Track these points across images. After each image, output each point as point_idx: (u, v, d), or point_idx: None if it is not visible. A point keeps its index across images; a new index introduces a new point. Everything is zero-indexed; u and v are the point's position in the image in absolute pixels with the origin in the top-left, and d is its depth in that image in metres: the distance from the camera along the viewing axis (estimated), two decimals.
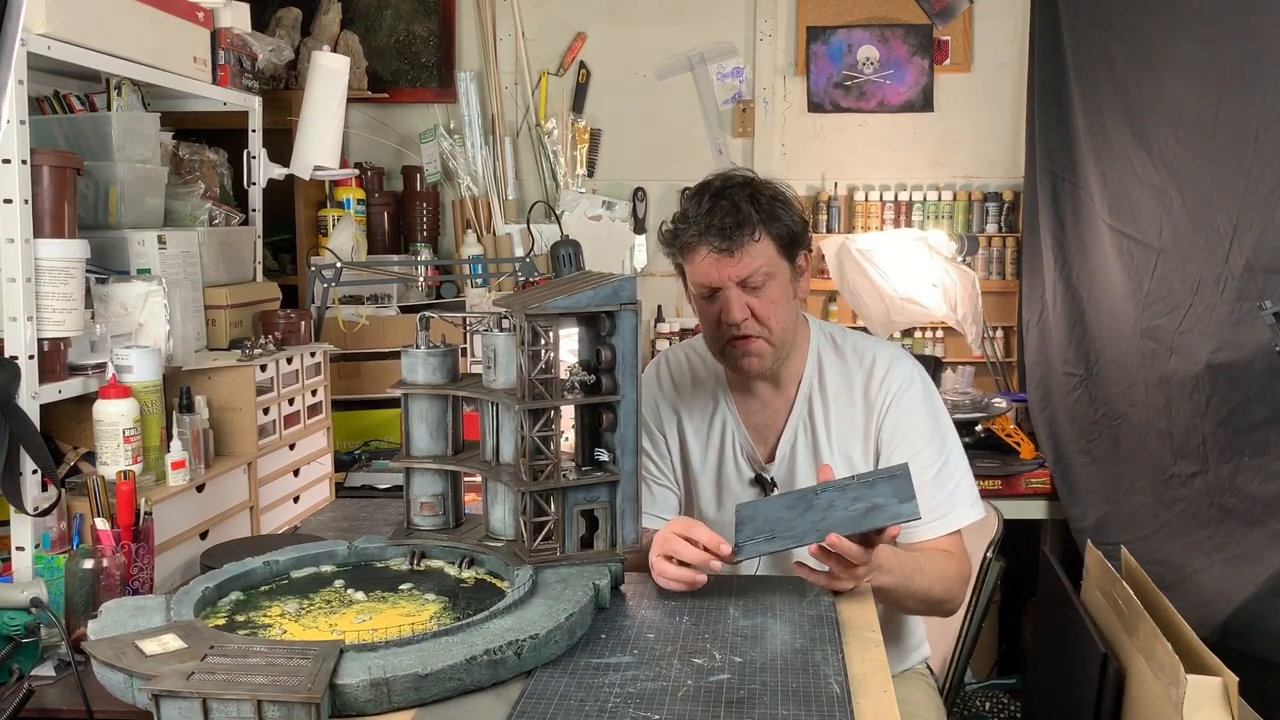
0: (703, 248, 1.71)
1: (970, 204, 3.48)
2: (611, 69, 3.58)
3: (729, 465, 1.84)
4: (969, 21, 3.47)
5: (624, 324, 1.45)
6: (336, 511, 2.35)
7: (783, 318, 1.74)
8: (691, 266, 1.75)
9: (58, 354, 1.78)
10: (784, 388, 1.83)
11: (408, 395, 1.58)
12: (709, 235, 1.69)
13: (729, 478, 1.84)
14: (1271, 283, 1.91)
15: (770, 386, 1.83)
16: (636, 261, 3.59)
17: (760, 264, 1.70)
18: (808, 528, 1.46)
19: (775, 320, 1.73)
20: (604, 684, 1.22)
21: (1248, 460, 2.00)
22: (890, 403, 1.78)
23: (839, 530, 1.42)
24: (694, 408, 1.88)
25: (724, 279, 1.71)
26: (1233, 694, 1.60)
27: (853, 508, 1.46)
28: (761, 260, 1.71)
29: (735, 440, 1.84)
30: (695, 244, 1.72)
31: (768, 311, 1.72)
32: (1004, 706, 2.95)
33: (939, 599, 1.71)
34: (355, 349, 2.88)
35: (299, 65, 3.20)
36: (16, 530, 1.67)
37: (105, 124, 2.07)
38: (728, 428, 1.85)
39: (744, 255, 1.69)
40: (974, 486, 1.79)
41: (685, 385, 1.90)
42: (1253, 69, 2.00)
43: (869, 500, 1.46)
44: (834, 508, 1.48)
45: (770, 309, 1.72)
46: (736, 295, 1.71)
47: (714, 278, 1.71)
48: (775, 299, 1.73)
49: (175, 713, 1.09)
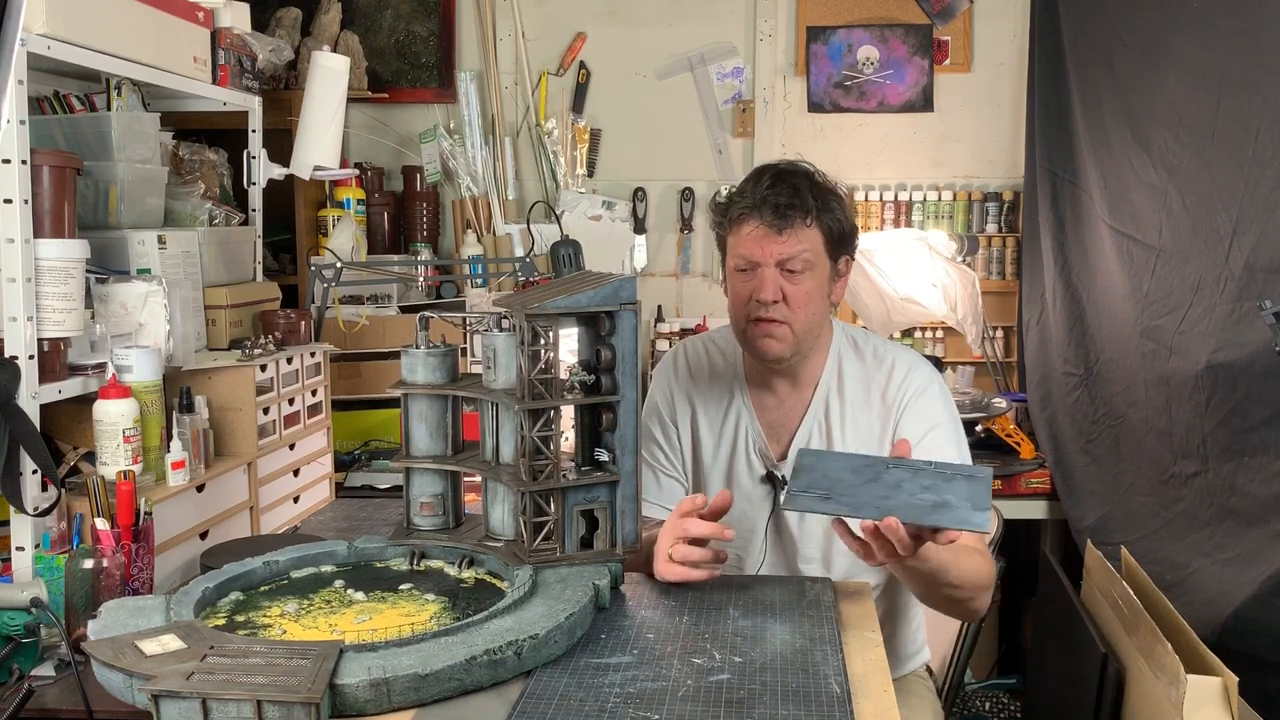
0: (752, 220, 1.72)
1: (970, 204, 3.48)
2: (611, 69, 3.58)
3: (740, 461, 1.83)
4: (969, 21, 3.47)
5: (624, 324, 1.45)
6: (336, 511, 2.35)
7: (811, 311, 1.74)
8: (736, 238, 1.76)
9: (58, 354, 1.78)
10: (801, 387, 1.82)
11: (407, 395, 1.58)
12: (762, 209, 1.71)
13: (739, 473, 1.83)
14: (1271, 283, 1.91)
15: (788, 384, 1.82)
16: (636, 261, 3.59)
17: (804, 249, 1.71)
18: (868, 500, 1.38)
19: (803, 311, 1.73)
20: (604, 684, 1.22)
21: (1248, 460, 2.00)
22: (908, 403, 1.78)
23: (901, 516, 1.34)
24: (709, 400, 1.87)
25: (766, 256, 1.71)
26: (1233, 694, 1.60)
27: (921, 496, 1.38)
28: (806, 246, 1.72)
29: (749, 436, 1.83)
30: (746, 216, 1.73)
31: (799, 300, 1.72)
32: (1004, 706, 2.95)
33: (967, 597, 1.65)
34: (355, 349, 2.88)
35: (299, 65, 3.20)
36: (16, 530, 1.67)
37: (105, 124, 2.07)
38: (742, 422, 1.84)
39: (791, 236, 1.71)
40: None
41: (702, 376, 1.89)
42: (1253, 69, 2.00)
43: (940, 494, 1.39)
44: (901, 489, 1.40)
45: (802, 298, 1.72)
46: (773, 275, 1.71)
47: (756, 253, 1.72)
48: (809, 290, 1.73)
49: (175, 713, 1.09)
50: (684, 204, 3.57)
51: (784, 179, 1.74)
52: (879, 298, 3.19)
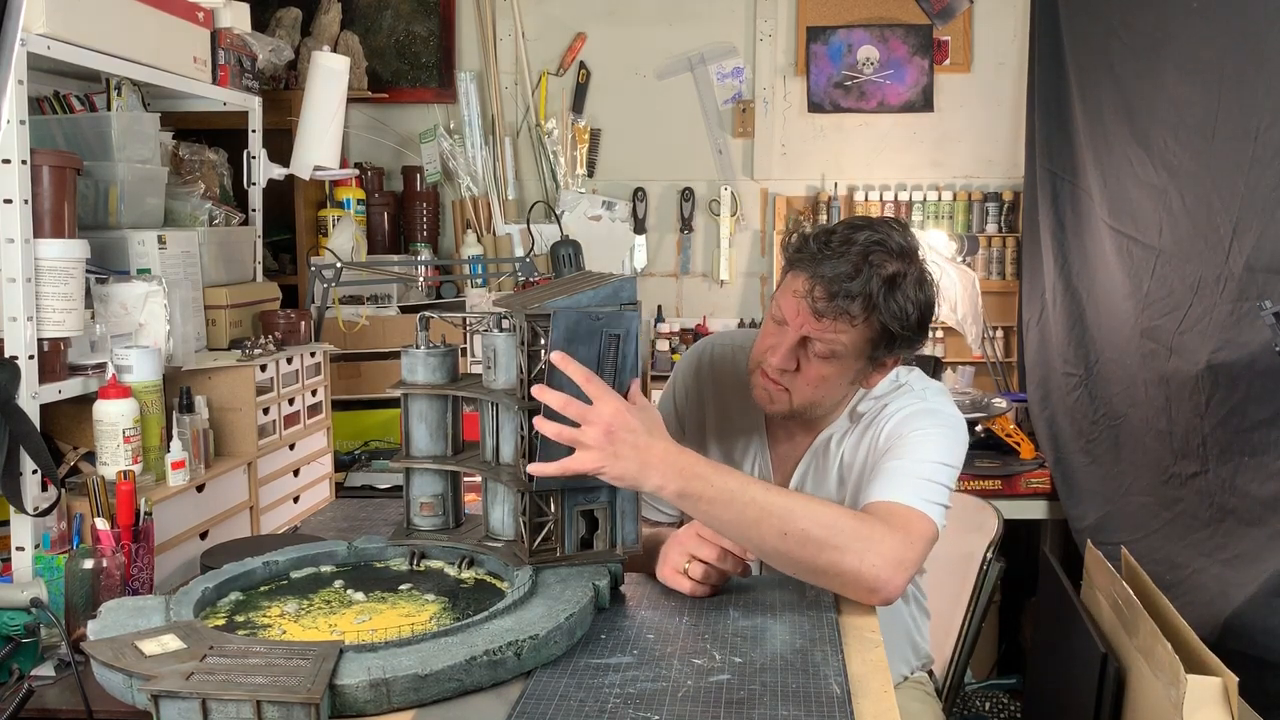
0: (803, 282, 1.55)
1: (970, 204, 3.48)
2: (611, 69, 3.58)
3: None
4: (969, 21, 3.47)
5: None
6: (336, 511, 2.35)
7: (821, 393, 1.63)
8: (783, 286, 1.62)
9: (58, 354, 1.78)
10: (813, 430, 1.75)
11: (407, 395, 1.57)
12: (818, 280, 1.54)
13: None
14: (1271, 283, 1.91)
15: (802, 426, 1.75)
16: (636, 261, 3.59)
17: (837, 341, 1.56)
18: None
19: (810, 390, 1.62)
20: (604, 684, 1.22)
21: (1248, 460, 2.00)
22: (891, 418, 1.65)
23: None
24: (727, 412, 1.81)
25: (795, 325, 1.57)
26: (1233, 694, 1.60)
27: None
28: (840, 341, 1.56)
29: (757, 460, 1.79)
30: (800, 273, 1.57)
31: (809, 380, 1.61)
32: (1004, 706, 2.95)
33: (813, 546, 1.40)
34: (355, 349, 2.88)
35: (299, 65, 3.20)
36: (16, 530, 1.67)
37: (105, 124, 2.07)
38: (753, 445, 1.79)
39: (829, 325, 1.55)
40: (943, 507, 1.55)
41: (726, 384, 1.81)
42: (1253, 69, 2.00)
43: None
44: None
45: (813, 380, 1.60)
46: (793, 345, 1.58)
47: (790, 315, 1.58)
48: (826, 376, 1.60)
49: (175, 713, 1.09)
50: (684, 204, 3.57)
51: (865, 259, 1.53)
52: None
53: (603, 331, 1.40)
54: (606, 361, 1.41)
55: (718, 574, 1.50)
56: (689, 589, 1.50)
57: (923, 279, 1.59)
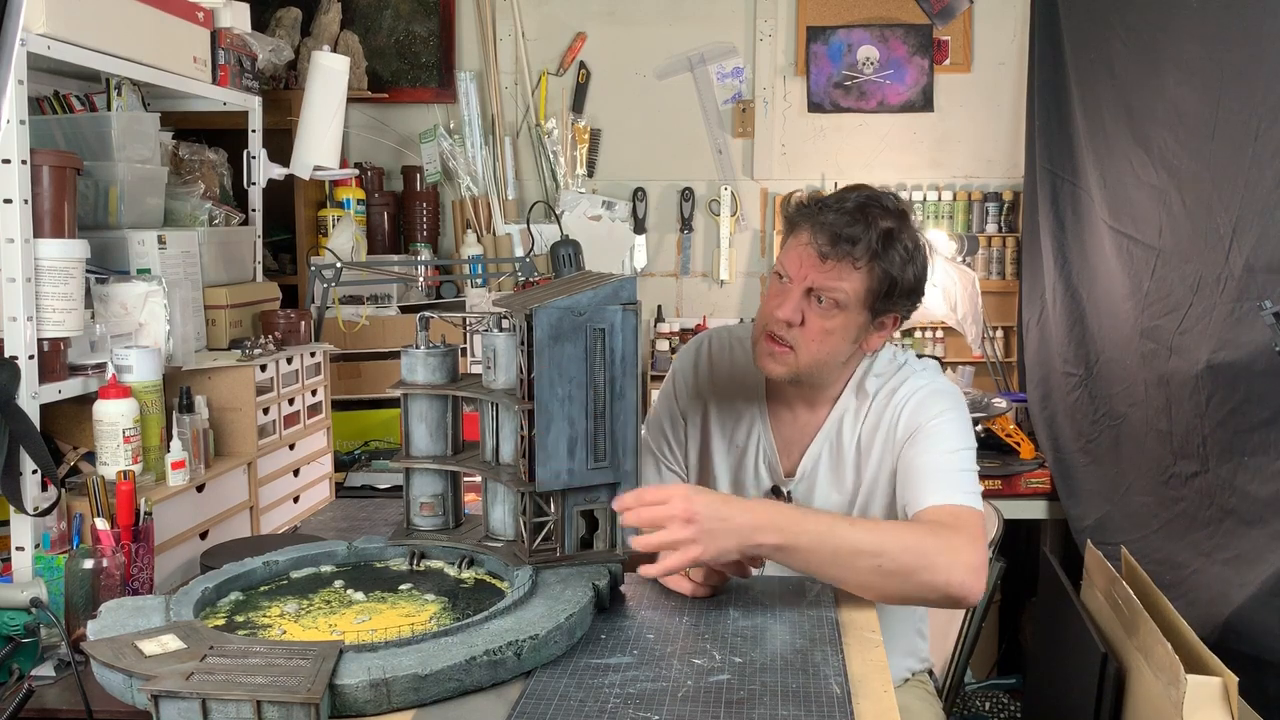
0: (805, 233, 1.63)
1: (970, 204, 3.48)
2: (611, 69, 3.58)
3: (748, 469, 1.80)
4: (969, 21, 3.47)
5: (624, 324, 1.45)
6: (336, 511, 2.35)
7: (826, 349, 1.65)
8: (788, 244, 1.68)
9: (58, 354, 1.77)
10: (818, 407, 1.76)
11: (407, 395, 1.58)
12: (820, 227, 1.61)
13: (746, 481, 1.80)
14: (1271, 283, 1.91)
15: (805, 403, 1.77)
16: (636, 261, 3.59)
17: (840, 289, 1.61)
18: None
19: (816, 345, 1.64)
20: (604, 684, 1.22)
21: (1248, 460, 2.00)
22: (905, 402, 1.69)
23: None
24: (726, 402, 1.82)
25: (800, 276, 1.63)
26: (1233, 694, 1.60)
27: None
28: (844, 290, 1.61)
29: (761, 447, 1.79)
30: (804, 225, 1.64)
31: (814, 334, 1.63)
32: (1004, 706, 2.95)
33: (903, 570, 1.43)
34: (355, 349, 2.88)
35: (299, 65, 3.20)
36: (16, 530, 1.67)
37: (105, 124, 2.07)
38: (755, 432, 1.79)
39: (834, 270, 1.60)
40: (980, 489, 1.63)
41: (723, 376, 1.83)
42: (1253, 69, 2.00)
43: None
44: None
45: (818, 333, 1.63)
46: (799, 297, 1.63)
47: (793, 269, 1.64)
48: (830, 330, 1.63)
49: (174, 713, 1.09)
50: (684, 204, 3.57)
51: (863, 211, 1.62)
52: None
53: (587, 327, 1.41)
54: (595, 357, 1.42)
55: (718, 576, 1.50)
56: (689, 590, 1.50)
57: (917, 241, 1.65)
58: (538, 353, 1.40)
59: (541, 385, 1.40)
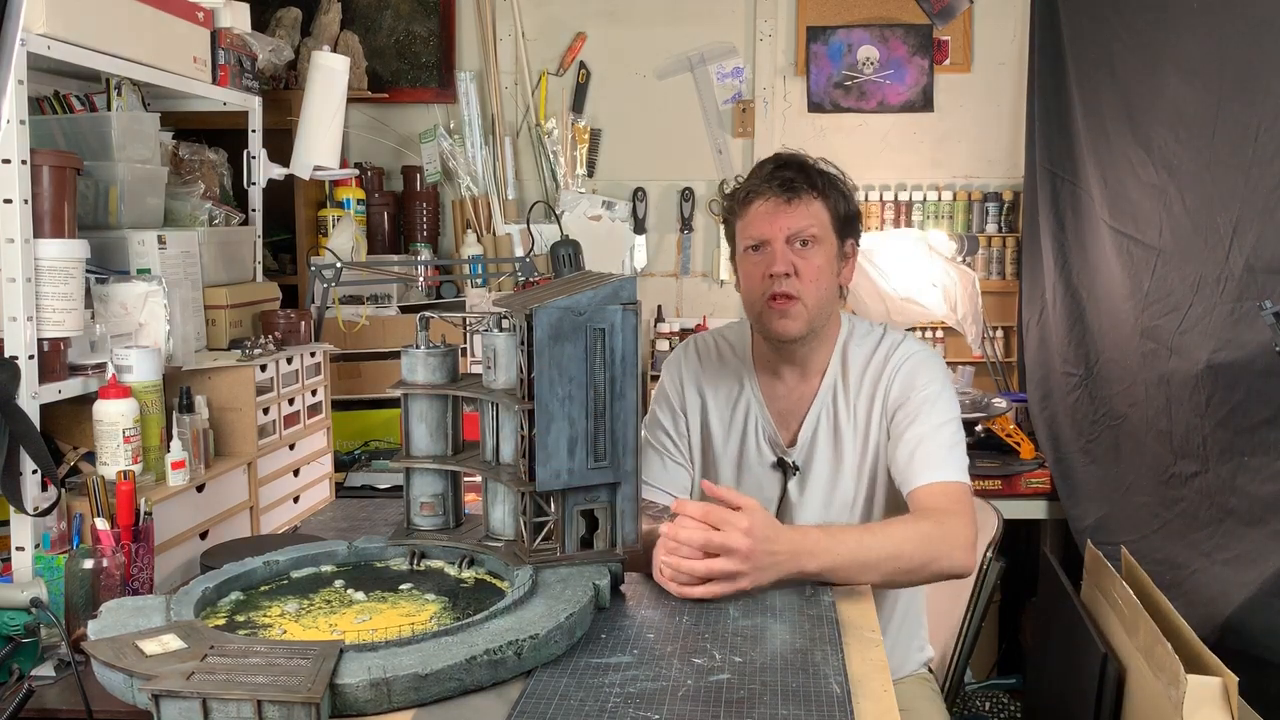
0: (761, 197, 1.78)
1: (970, 204, 3.48)
2: (611, 69, 3.58)
3: (751, 449, 1.87)
4: (969, 21, 3.47)
5: (624, 324, 1.45)
6: (336, 511, 2.35)
7: (822, 286, 1.77)
8: (745, 220, 1.80)
9: (58, 354, 1.77)
10: (810, 376, 1.86)
11: (407, 395, 1.58)
12: (770, 185, 1.77)
13: (750, 461, 1.87)
14: (1271, 283, 1.91)
15: (796, 373, 1.86)
16: (636, 261, 3.59)
17: (812, 223, 1.77)
18: None
19: (814, 285, 1.76)
20: (604, 684, 1.22)
21: (1248, 460, 2.00)
22: (899, 369, 1.81)
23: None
24: (719, 390, 1.91)
25: (776, 230, 1.76)
26: (1233, 694, 1.60)
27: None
28: (814, 220, 1.77)
29: (759, 424, 1.87)
30: (754, 195, 1.79)
31: (810, 274, 1.76)
32: (1004, 706, 2.95)
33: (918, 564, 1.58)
34: (355, 349, 2.88)
35: (299, 65, 3.20)
36: (16, 530, 1.67)
37: (105, 124, 2.07)
38: (751, 410, 1.88)
39: (800, 208, 1.76)
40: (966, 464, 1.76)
41: (712, 366, 1.93)
42: (1253, 69, 2.00)
43: None
44: None
45: (813, 272, 1.76)
46: (784, 249, 1.76)
47: (766, 229, 1.77)
48: (820, 265, 1.77)
49: (175, 713, 1.09)
50: (684, 204, 3.57)
51: (789, 163, 1.81)
52: (879, 298, 3.20)
53: (587, 327, 1.41)
54: (595, 357, 1.42)
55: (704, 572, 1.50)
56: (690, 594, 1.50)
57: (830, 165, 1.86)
58: (538, 352, 1.40)
59: (541, 385, 1.40)
